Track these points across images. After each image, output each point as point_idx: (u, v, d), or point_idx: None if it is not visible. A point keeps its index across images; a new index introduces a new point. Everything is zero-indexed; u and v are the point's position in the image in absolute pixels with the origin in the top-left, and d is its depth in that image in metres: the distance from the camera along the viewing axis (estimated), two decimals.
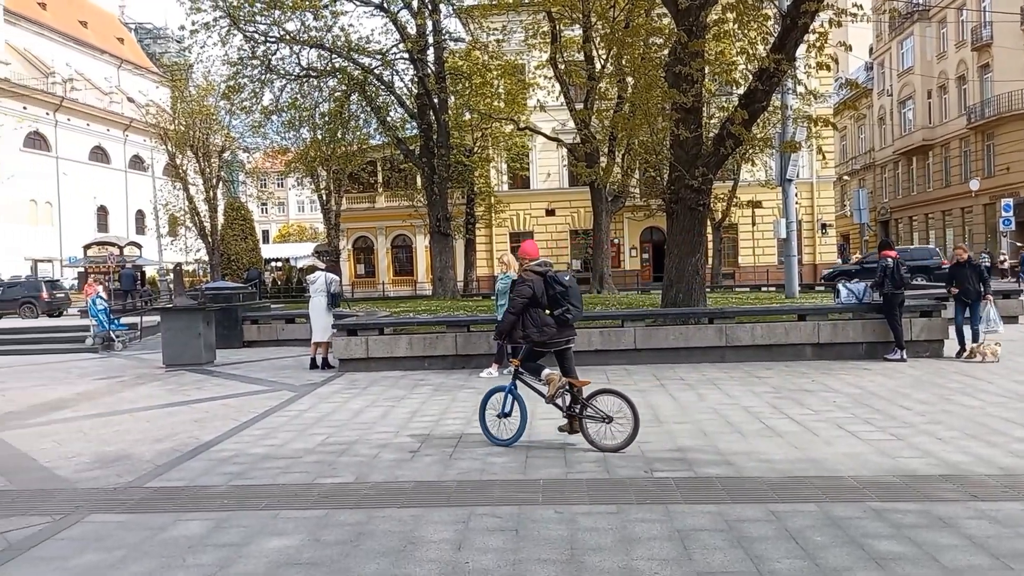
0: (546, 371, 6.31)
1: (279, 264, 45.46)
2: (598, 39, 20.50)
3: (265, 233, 68.36)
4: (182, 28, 20.66)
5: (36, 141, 56.94)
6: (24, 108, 54.08)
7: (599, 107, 22.40)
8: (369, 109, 23.56)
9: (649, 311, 12.82)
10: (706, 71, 12.72)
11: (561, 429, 6.37)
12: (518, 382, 6.46)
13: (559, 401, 6.29)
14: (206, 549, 4.25)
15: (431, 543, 4.20)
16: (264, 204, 72.66)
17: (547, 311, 6.22)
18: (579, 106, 22.61)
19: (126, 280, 25.69)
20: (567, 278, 6.33)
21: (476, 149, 30.70)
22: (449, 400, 8.83)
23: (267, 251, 45.94)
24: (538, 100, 23.46)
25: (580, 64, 22.84)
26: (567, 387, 6.22)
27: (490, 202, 35.84)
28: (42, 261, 34.55)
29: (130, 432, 7.65)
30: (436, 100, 22.25)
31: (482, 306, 17.63)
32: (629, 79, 17.23)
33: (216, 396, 9.82)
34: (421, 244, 41.57)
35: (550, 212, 39.31)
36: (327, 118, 23.64)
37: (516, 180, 39.47)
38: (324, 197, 35.40)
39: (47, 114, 58.26)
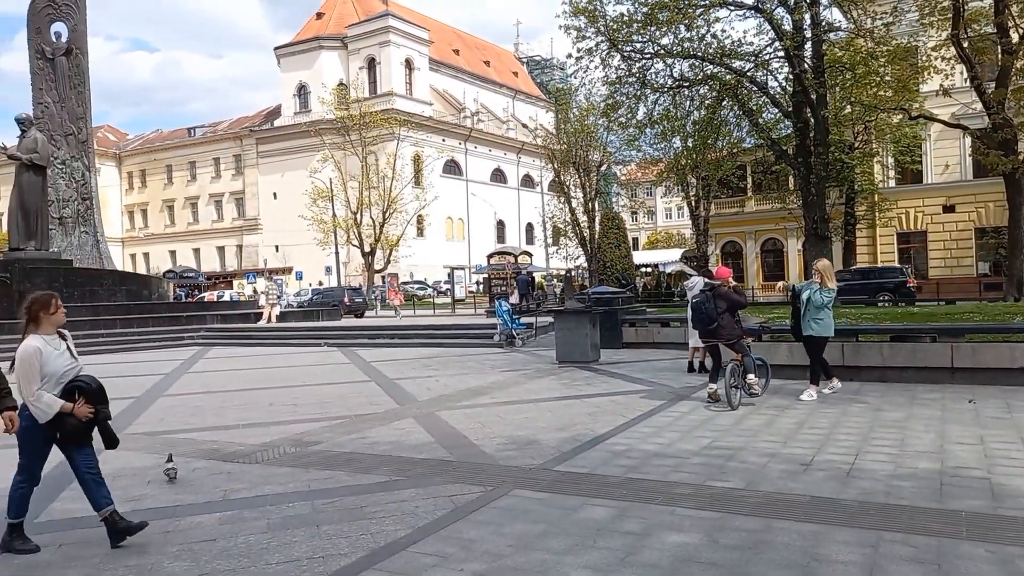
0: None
1: (648, 270, 47.01)
2: (1016, 7, 17.37)
3: (635, 240, 71.26)
4: (569, 56, 22.61)
5: (451, 167, 67.68)
6: (443, 140, 64.61)
7: (1018, 85, 18.96)
8: (741, 113, 23.19)
9: None
10: None
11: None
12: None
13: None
14: (612, 535, 4.63)
15: (837, 563, 4.05)
16: (635, 213, 75.80)
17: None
18: (990, 86, 19.40)
19: (521, 285, 29.05)
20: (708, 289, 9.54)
21: (858, 144, 28.29)
22: (838, 414, 8.34)
23: (637, 257, 47.86)
24: (940, 83, 20.69)
25: (991, 38, 19.59)
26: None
27: (873, 200, 32.59)
28: (457, 269, 41.01)
29: (536, 420, 8.68)
30: (814, 96, 21.01)
31: (867, 314, 16.20)
32: None
33: (604, 393, 10.61)
34: (793, 247, 39.51)
35: (948, 208, 34.22)
36: (699, 126, 23.85)
37: (905, 175, 35.21)
38: (693, 203, 35.74)
39: (459, 144, 68.80)
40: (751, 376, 9.15)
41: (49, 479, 6.50)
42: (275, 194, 68.36)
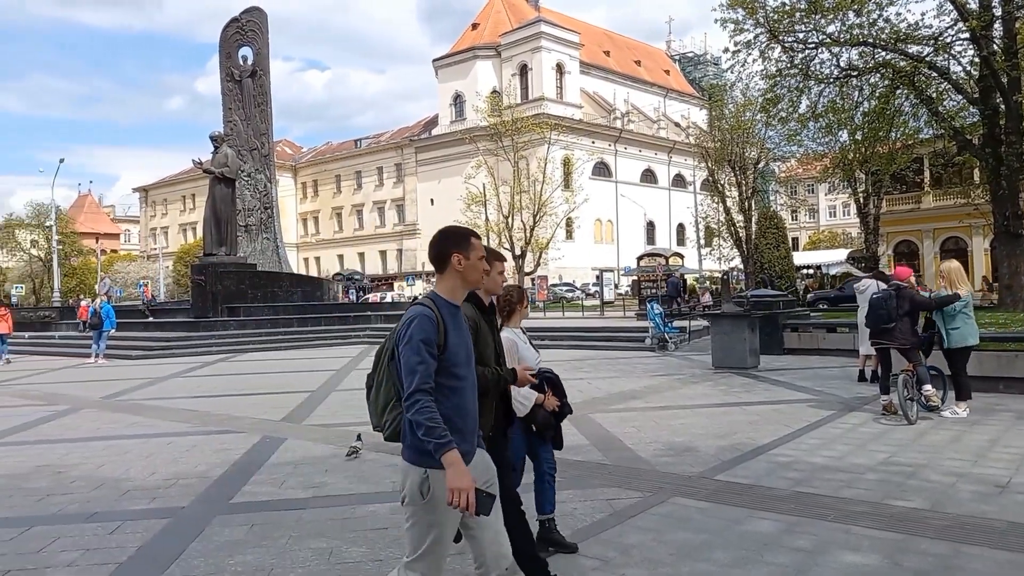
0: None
1: (810, 272, 44.40)
2: None
3: (795, 240, 67.69)
4: (725, 51, 21.82)
5: (600, 169, 67.57)
6: (593, 142, 64.65)
7: None
8: (918, 101, 21.39)
9: None
10: None
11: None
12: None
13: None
14: (781, 550, 4.43)
15: None
16: (795, 211, 72.01)
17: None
18: None
19: (671, 287, 28.45)
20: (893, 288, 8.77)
21: None
22: None
23: (798, 258, 45.40)
24: None
25: None
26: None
27: None
28: (605, 271, 40.93)
29: (693, 426, 8.48)
30: (1005, 80, 18.99)
31: None
32: None
33: (765, 401, 10.18)
34: (979, 246, 36.01)
35: None
36: (869, 117, 22.25)
37: None
38: (862, 200, 33.39)
39: (609, 145, 68.56)
40: (927, 387, 8.42)
41: (242, 464, 7.19)
42: (432, 200, 71.26)
